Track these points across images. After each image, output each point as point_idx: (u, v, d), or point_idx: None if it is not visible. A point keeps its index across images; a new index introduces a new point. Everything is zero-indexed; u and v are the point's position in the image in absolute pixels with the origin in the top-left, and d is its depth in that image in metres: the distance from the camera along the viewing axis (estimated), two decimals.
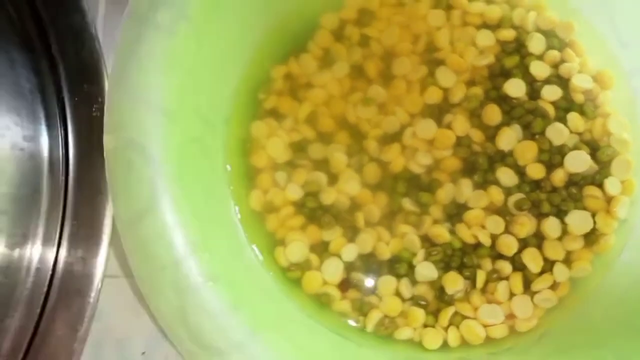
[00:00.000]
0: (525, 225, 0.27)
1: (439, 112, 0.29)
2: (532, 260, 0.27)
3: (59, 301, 0.23)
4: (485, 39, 0.29)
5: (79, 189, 0.24)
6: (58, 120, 0.25)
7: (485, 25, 0.30)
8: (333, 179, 0.29)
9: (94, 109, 0.24)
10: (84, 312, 0.23)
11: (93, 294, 0.23)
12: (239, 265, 0.24)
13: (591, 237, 0.27)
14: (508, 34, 0.29)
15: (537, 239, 0.28)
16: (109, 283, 0.27)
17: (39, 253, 0.25)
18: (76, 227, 0.24)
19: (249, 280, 0.25)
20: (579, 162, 0.27)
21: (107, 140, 0.22)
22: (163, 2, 0.22)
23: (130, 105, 0.22)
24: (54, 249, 0.25)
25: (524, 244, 0.27)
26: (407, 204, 0.29)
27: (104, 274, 0.24)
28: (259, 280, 0.26)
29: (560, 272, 0.27)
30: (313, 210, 0.29)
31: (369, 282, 0.28)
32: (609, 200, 0.27)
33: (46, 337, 0.23)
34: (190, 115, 0.24)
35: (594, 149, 0.28)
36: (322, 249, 0.29)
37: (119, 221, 0.21)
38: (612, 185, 0.27)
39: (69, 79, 0.25)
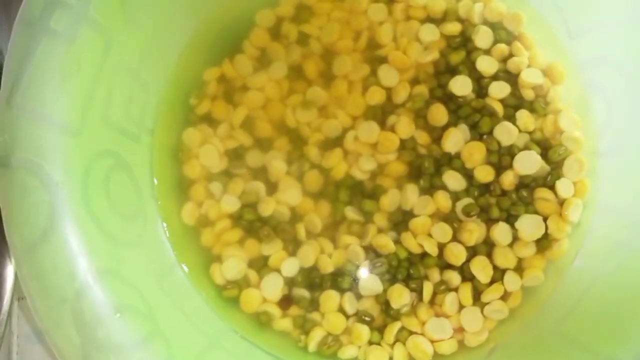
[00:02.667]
0: (474, 232, 0.26)
1: (382, 114, 0.27)
2: (481, 269, 0.25)
3: None
4: (430, 33, 0.28)
5: None
6: None
7: (429, 19, 0.28)
8: (272, 188, 0.27)
9: None
10: None
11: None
12: (160, 289, 0.23)
13: (543, 243, 0.26)
14: (453, 28, 0.27)
15: (487, 247, 0.26)
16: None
17: None
18: None
19: (172, 305, 0.23)
20: (529, 163, 0.26)
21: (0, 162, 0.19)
22: (59, 5, 0.20)
23: (25, 122, 0.20)
24: None
25: (472, 252, 0.26)
26: (350, 212, 0.27)
27: (11, 299, 0.22)
28: (185, 304, 0.24)
29: (511, 281, 0.25)
30: (251, 223, 0.27)
31: (311, 297, 0.26)
32: (561, 203, 0.26)
33: None
34: (100, 128, 0.22)
35: (545, 149, 0.26)
36: (261, 264, 0.27)
37: (13, 250, 0.19)
38: (564, 187, 0.25)
39: None
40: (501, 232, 0.26)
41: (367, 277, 0.26)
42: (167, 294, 0.23)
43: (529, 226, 0.25)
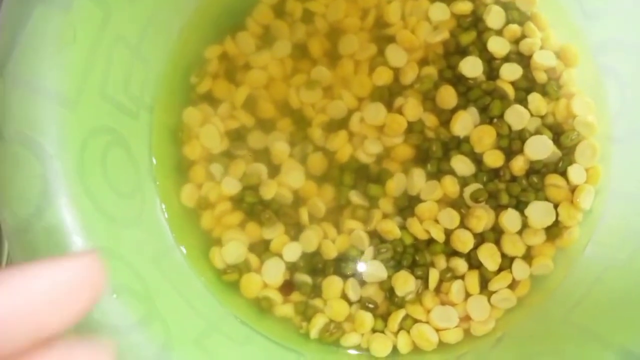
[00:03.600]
0: (482, 218, 0.25)
1: (389, 95, 0.27)
2: (489, 257, 0.25)
3: None
4: (440, 12, 0.27)
5: None
6: None
7: None
8: (274, 170, 0.27)
9: None
10: None
11: None
12: (158, 271, 0.22)
13: (553, 230, 0.25)
14: (464, 7, 0.27)
15: (495, 234, 0.25)
16: None
17: None
18: None
19: (170, 287, 0.22)
20: (540, 148, 0.25)
21: None
22: None
23: (18, 93, 0.19)
24: None
25: (480, 239, 0.25)
26: (355, 197, 0.26)
27: None
28: (183, 287, 0.23)
29: (519, 269, 0.25)
30: (252, 206, 0.26)
31: (313, 283, 0.26)
32: (572, 189, 0.25)
33: None
34: (97, 102, 0.21)
35: (557, 133, 0.25)
36: (262, 249, 0.26)
37: (5, 227, 0.18)
38: (576, 173, 0.25)
39: None
40: (510, 219, 0.25)
41: (371, 263, 0.25)
42: (165, 276, 0.22)
43: (539, 213, 0.25)
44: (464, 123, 0.26)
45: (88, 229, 0.19)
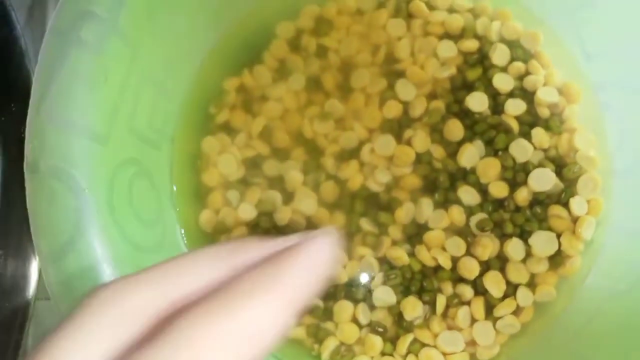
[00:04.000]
0: (488, 247, 0.26)
1: (398, 127, 0.28)
2: (494, 284, 0.26)
3: None
4: (447, 49, 0.28)
5: (6, 217, 0.22)
6: None
7: (447, 35, 0.28)
8: (288, 197, 0.28)
9: (22, 130, 0.22)
10: (10, 349, 0.21)
11: (20, 329, 0.21)
12: None
13: (556, 259, 0.26)
14: (471, 45, 0.28)
15: (500, 261, 0.26)
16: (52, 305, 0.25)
17: None
18: (3, 257, 0.22)
19: None
20: (543, 180, 0.26)
21: (28, 167, 0.20)
22: (89, 16, 0.21)
23: (53, 129, 0.20)
24: None
25: (486, 266, 0.26)
26: (365, 224, 0.27)
27: (33, 306, 0.22)
28: None
29: (523, 296, 0.26)
30: (267, 231, 0.27)
31: (325, 307, 0.27)
32: (574, 220, 0.26)
33: None
34: (125, 137, 0.23)
35: (559, 166, 0.27)
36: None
37: (40, 255, 0.20)
38: (578, 205, 0.26)
39: None
40: (514, 248, 0.26)
41: (380, 289, 0.26)
42: None
43: (542, 242, 0.26)
44: (470, 155, 0.27)
45: (116, 257, 0.21)
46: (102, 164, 0.21)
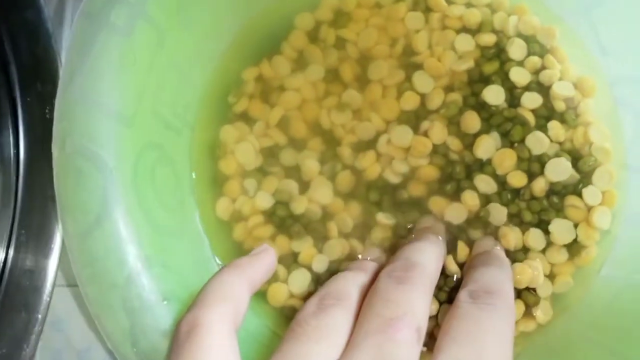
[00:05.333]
0: (511, 237, 0.26)
1: (415, 119, 0.28)
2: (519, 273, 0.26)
3: (2, 317, 0.21)
4: (465, 43, 0.28)
5: (29, 197, 0.22)
6: (9, 120, 0.23)
7: (464, 29, 0.29)
8: (305, 186, 0.28)
9: (47, 110, 0.22)
10: (31, 329, 0.21)
11: (41, 309, 0.21)
12: (199, 280, 0.23)
13: (573, 249, 0.26)
14: (488, 39, 0.28)
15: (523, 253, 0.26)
16: (68, 292, 0.25)
17: None
18: (25, 237, 0.22)
19: None
20: (560, 170, 0.26)
21: (56, 147, 0.20)
22: (119, 0, 0.21)
23: (82, 109, 0.20)
24: (3, 249, 0.23)
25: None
26: (381, 217, 0.27)
27: (54, 285, 0.22)
28: None
29: (542, 287, 0.26)
30: (283, 220, 0.28)
31: None
32: (590, 210, 0.26)
33: None
34: (149, 120, 0.23)
35: (575, 159, 0.27)
36: (291, 261, 0.27)
37: (66, 234, 0.20)
38: (591, 195, 0.26)
39: (21, 77, 0.23)
40: (535, 237, 0.26)
41: None
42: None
43: (561, 229, 0.26)
44: (487, 146, 0.27)
45: (140, 238, 0.21)
46: (127, 146, 0.21)
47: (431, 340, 0.26)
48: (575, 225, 0.26)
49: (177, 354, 0.14)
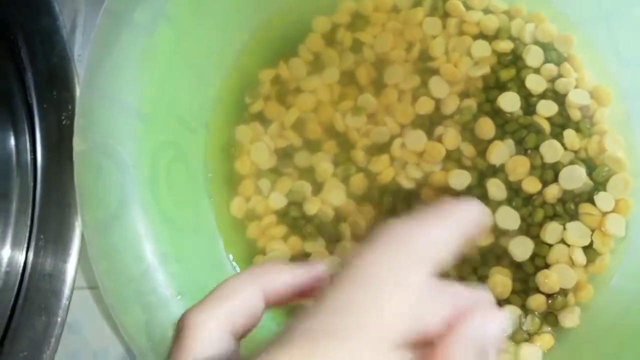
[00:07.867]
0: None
1: (430, 124, 0.28)
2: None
3: (22, 320, 0.22)
4: (482, 49, 0.28)
5: (46, 202, 0.22)
6: (26, 127, 0.24)
7: (482, 36, 0.29)
8: (318, 188, 0.28)
9: (63, 117, 0.23)
10: (50, 332, 0.22)
11: (60, 312, 0.22)
12: (212, 276, 0.23)
13: (587, 255, 0.26)
14: (505, 46, 0.28)
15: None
16: (86, 294, 0.26)
17: (7, 256, 0.24)
18: (43, 241, 0.22)
19: None
20: (574, 177, 0.26)
21: (77, 142, 0.21)
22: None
23: (103, 106, 0.21)
24: (23, 253, 0.24)
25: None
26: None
27: (72, 289, 0.22)
28: None
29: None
30: (296, 220, 0.28)
31: None
32: (604, 216, 0.26)
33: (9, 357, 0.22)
34: (167, 119, 0.23)
35: (589, 168, 0.27)
36: (302, 261, 0.28)
37: (85, 228, 0.20)
38: (604, 201, 0.26)
39: (37, 84, 0.23)
40: (552, 232, 0.26)
41: None
42: (217, 281, 0.24)
43: (576, 232, 0.26)
44: (500, 153, 0.27)
45: (156, 235, 0.21)
46: (145, 143, 0.22)
47: None
48: (592, 232, 0.26)
49: (169, 353, 0.15)
